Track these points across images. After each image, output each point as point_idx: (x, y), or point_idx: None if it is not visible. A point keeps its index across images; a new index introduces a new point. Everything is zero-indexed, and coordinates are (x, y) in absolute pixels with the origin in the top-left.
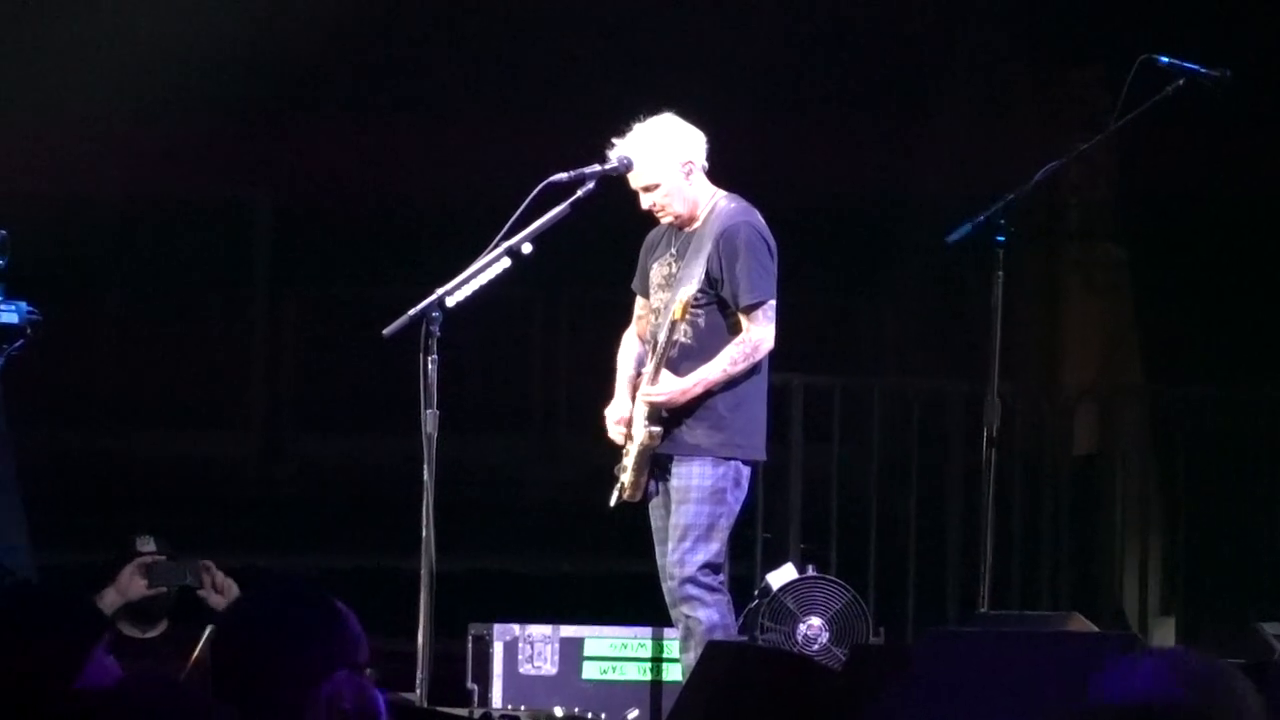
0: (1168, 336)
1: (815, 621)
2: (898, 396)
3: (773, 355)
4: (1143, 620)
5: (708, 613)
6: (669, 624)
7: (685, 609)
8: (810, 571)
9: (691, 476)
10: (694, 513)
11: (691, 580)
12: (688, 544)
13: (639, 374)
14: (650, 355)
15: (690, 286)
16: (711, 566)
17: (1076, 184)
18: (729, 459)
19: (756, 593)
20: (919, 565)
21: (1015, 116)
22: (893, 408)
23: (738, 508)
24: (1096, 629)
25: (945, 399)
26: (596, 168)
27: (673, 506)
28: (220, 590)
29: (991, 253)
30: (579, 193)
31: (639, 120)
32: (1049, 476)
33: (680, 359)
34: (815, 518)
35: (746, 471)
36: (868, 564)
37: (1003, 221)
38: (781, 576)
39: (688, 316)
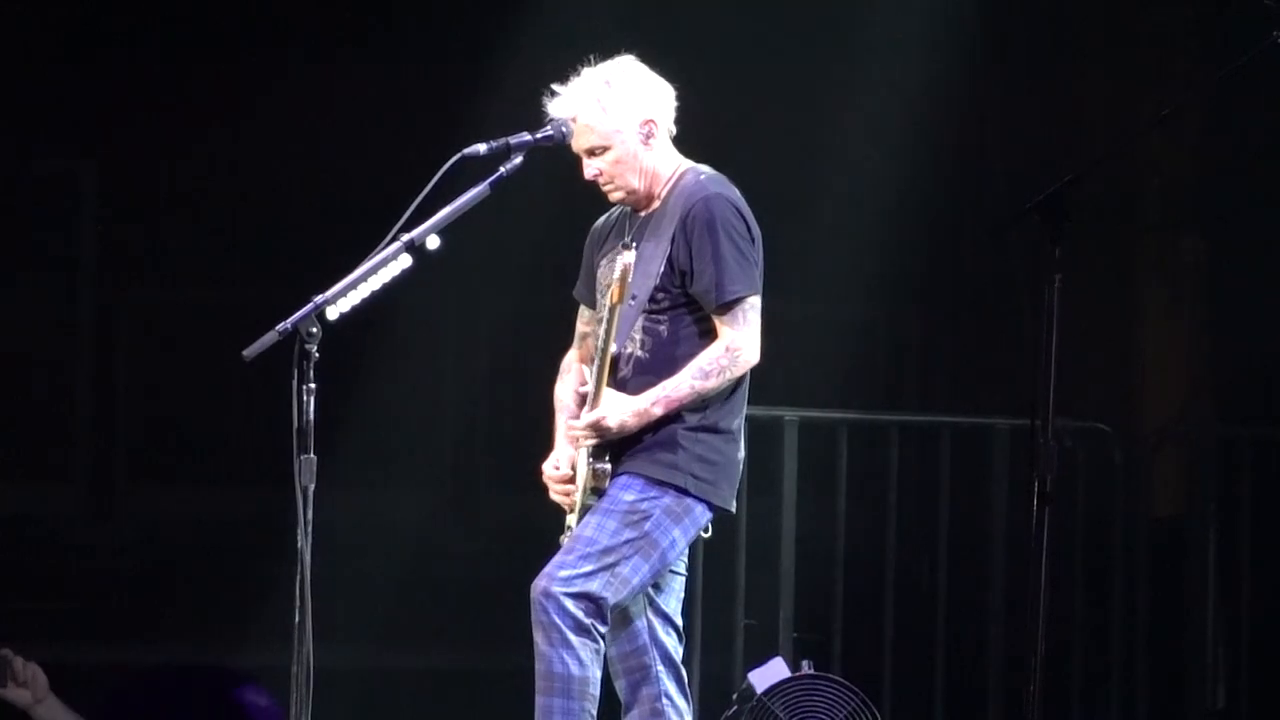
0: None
1: None
2: (922, 436)
3: (757, 384)
4: None
5: (567, 656)
6: None
7: (535, 636)
8: (806, 669)
9: (613, 488)
10: (595, 526)
11: (554, 601)
12: (571, 559)
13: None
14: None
15: (645, 280)
16: (590, 600)
17: (1157, 159)
18: (670, 486)
19: (735, 696)
20: (950, 660)
21: (1077, 68)
22: (915, 451)
23: (667, 549)
24: None
25: (984, 441)
26: (526, 137)
27: None
28: (24, 683)
29: (1045, 249)
30: (502, 169)
31: (586, 64)
32: (1121, 544)
33: (634, 376)
34: (813, 596)
35: (697, 512)
36: (881, 658)
37: (1060, 208)
38: (768, 675)
39: (638, 315)
